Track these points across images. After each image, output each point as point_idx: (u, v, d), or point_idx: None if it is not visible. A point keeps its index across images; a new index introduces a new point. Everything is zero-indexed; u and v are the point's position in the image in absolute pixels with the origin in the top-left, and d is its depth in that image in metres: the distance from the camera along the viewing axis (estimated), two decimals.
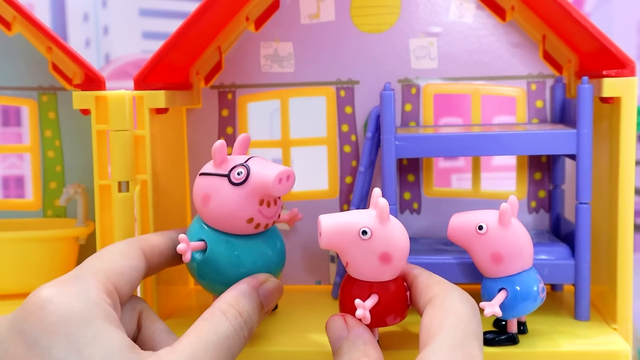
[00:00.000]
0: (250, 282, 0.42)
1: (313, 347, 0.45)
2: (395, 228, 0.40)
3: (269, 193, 0.42)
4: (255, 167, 0.42)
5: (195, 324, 0.38)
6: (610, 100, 0.47)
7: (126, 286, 0.39)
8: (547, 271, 0.48)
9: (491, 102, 0.58)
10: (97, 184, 0.50)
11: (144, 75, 0.49)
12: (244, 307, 0.40)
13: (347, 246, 0.40)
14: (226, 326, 0.38)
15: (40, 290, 0.36)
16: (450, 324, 0.36)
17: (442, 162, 0.90)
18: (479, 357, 0.35)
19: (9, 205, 0.61)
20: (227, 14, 0.55)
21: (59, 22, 0.98)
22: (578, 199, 0.47)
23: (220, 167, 0.43)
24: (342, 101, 0.57)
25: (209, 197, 0.42)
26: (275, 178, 0.41)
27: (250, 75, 0.57)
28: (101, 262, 0.39)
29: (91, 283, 0.37)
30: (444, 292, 0.39)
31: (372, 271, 0.40)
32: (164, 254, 0.43)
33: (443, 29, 0.56)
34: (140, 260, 0.41)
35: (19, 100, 0.59)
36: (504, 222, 0.43)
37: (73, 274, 0.38)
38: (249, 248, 0.43)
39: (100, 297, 0.36)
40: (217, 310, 0.39)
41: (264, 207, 0.42)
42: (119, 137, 0.49)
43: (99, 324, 0.35)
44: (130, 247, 0.41)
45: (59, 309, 0.35)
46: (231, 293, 0.41)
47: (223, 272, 0.43)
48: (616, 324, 0.47)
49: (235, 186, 0.42)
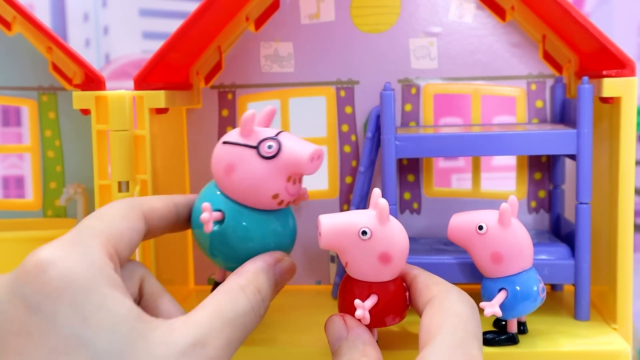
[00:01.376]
0: (267, 259, 0.40)
1: (313, 347, 0.45)
2: (395, 228, 0.40)
3: (300, 170, 0.40)
4: (288, 142, 0.40)
5: (212, 296, 0.36)
6: (610, 100, 0.47)
7: (126, 249, 0.38)
8: (547, 271, 0.48)
9: (491, 102, 0.58)
10: (97, 184, 0.50)
11: (144, 75, 0.49)
12: (263, 285, 0.38)
13: (347, 246, 0.40)
14: (244, 303, 0.36)
15: (41, 252, 0.33)
16: (450, 324, 0.36)
17: (442, 162, 0.90)
18: (478, 357, 0.35)
19: (9, 205, 0.61)
20: (227, 14, 0.55)
21: (59, 22, 0.98)
22: (578, 199, 0.47)
23: (248, 138, 0.41)
24: (342, 101, 0.57)
25: (234, 167, 0.40)
26: (310, 156, 0.40)
27: (250, 75, 0.57)
28: (100, 222, 0.37)
29: (93, 246, 0.35)
30: (443, 293, 0.39)
31: (372, 271, 0.40)
32: (164, 218, 0.41)
33: (443, 29, 0.56)
34: (140, 222, 0.39)
35: (19, 100, 0.59)
36: (504, 222, 0.43)
37: (73, 234, 0.36)
38: (264, 224, 0.42)
39: (104, 261, 0.34)
40: (235, 285, 0.37)
41: (290, 184, 0.41)
42: (119, 137, 0.49)
43: (105, 290, 0.33)
44: (131, 208, 0.39)
45: (63, 273, 0.33)
46: (249, 268, 0.39)
47: (234, 245, 0.41)
48: (616, 323, 0.47)
49: (265, 159, 0.40)
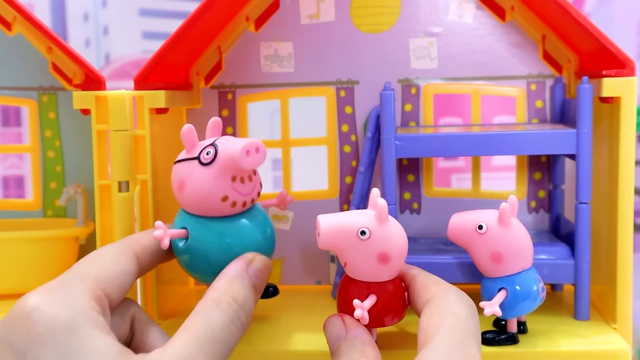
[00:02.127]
0: (237, 265, 0.40)
1: (313, 347, 0.45)
2: (393, 228, 0.40)
3: (238, 167, 0.40)
4: (222, 144, 0.41)
5: (188, 319, 0.37)
6: (610, 100, 0.47)
7: (117, 291, 0.38)
8: (547, 271, 0.48)
9: (491, 102, 0.58)
10: (97, 184, 0.50)
11: (144, 75, 0.49)
12: (239, 292, 0.38)
13: (346, 246, 0.40)
14: (220, 317, 0.36)
15: (27, 299, 0.35)
16: (449, 324, 0.36)
17: (442, 162, 0.90)
18: (477, 357, 0.35)
19: (9, 205, 0.61)
20: (227, 14, 0.55)
21: (59, 22, 0.98)
22: (578, 199, 0.48)
23: (191, 152, 0.42)
24: (342, 101, 0.57)
25: (184, 182, 0.41)
26: (241, 150, 0.40)
27: (250, 75, 0.57)
28: (90, 267, 0.38)
29: (79, 290, 0.36)
30: (441, 293, 0.39)
31: (371, 271, 0.40)
32: (155, 253, 0.42)
33: (443, 29, 0.56)
34: (133, 263, 0.40)
35: (19, 100, 0.59)
36: (503, 222, 0.43)
37: (61, 280, 0.37)
38: (225, 233, 0.42)
39: (88, 304, 0.36)
40: (209, 301, 0.37)
41: (237, 183, 0.41)
42: (119, 137, 0.49)
43: (86, 331, 0.34)
44: (122, 250, 0.40)
45: (46, 318, 0.34)
46: (221, 279, 0.39)
47: (210, 260, 0.42)
48: (616, 323, 0.47)
49: (205, 166, 0.41)
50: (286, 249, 0.58)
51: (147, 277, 0.49)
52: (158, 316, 0.50)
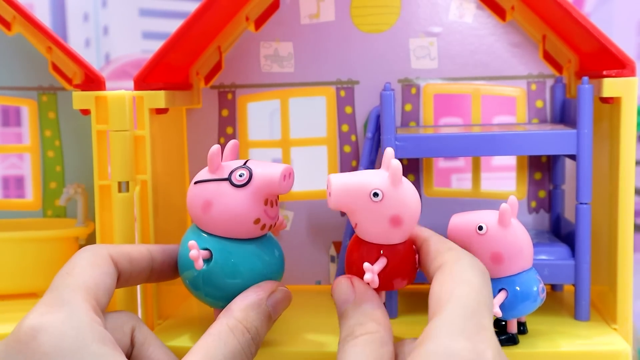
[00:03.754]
0: (259, 293, 0.40)
1: (313, 347, 0.45)
2: (407, 191, 0.39)
3: (275, 191, 0.41)
4: (257, 168, 0.41)
5: (201, 340, 0.37)
6: (611, 101, 0.47)
7: (104, 295, 0.38)
8: (547, 271, 0.48)
9: (491, 102, 0.58)
10: (97, 184, 0.50)
11: (144, 75, 0.49)
12: (253, 323, 0.38)
13: (357, 208, 0.39)
14: (234, 345, 0.37)
15: (29, 320, 0.35)
16: (461, 292, 0.35)
17: (442, 162, 0.90)
18: (489, 327, 0.34)
19: (9, 205, 0.61)
20: (227, 14, 0.55)
21: (59, 22, 0.98)
22: (578, 199, 0.47)
23: (217, 173, 0.42)
24: (342, 101, 0.57)
25: (211, 203, 0.41)
26: (280, 175, 0.40)
27: (250, 75, 0.57)
28: (73, 277, 0.38)
29: (78, 304, 0.36)
30: (454, 259, 0.37)
31: (382, 234, 0.39)
32: (135, 261, 0.42)
33: (443, 29, 0.56)
34: (110, 265, 0.40)
35: (19, 100, 0.59)
36: (503, 223, 0.43)
37: (54, 296, 0.36)
38: (250, 255, 0.42)
39: (92, 318, 0.35)
40: (224, 326, 0.37)
41: (268, 207, 0.42)
42: (119, 138, 0.49)
43: (95, 349, 0.34)
44: (95, 254, 0.40)
45: (53, 337, 0.34)
46: (239, 305, 0.39)
47: (224, 282, 0.42)
48: (616, 324, 0.47)
49: (239, 188, 0.41)
50: (286, 249, 0.58)
51: None
52: (158, 316, 0.50)
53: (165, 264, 0.44)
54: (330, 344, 0.45)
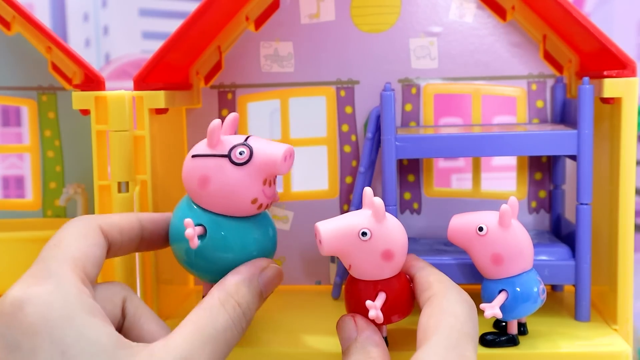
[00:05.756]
0: (250, 269, 0.40)
1: (313, 347, 0.45)
2: (392, 224, 0.40)
3: (275, 172, 0.40)
4: (258, 146, 0.40)
5: (192, 314, 0.36)
6: (611, 101, 0.47)
7: (94, 267, 0.37)
8: (548, 272, 0.48)
9: (491, 102, 0.58)
10: (97, 184, 0.50)
11: (143, 75, 0.49)
12: (244, 297, 0.38)
13: (349, 249, 0.40)
14: (224, 319, 0.37)
15: (15, 291, 0.34)
16: (446, 324, 0.37)
17: (442, 162, 0.90)
18: (472, 358, 0.36)
19: (9, 205, 0.61)
20: (227, 14, 0.55)
21: (59, 22, 0.98)
22: (578, 200, 0.47)
23: (216, 148, 0.41)
24: (342, 101, 0.57)
25: (208, 178, 0.40)
26: (282, 155, 0.40)
27: (250, 75, 0.57)
28: (61, 250, 0.37)
29: (65, 275, 0.35)
30: (442, 291, 0.39)
31: (376, 270, 0.40)
32: (125, 231, 0.41)
33: (443, 29, 0.56)
34: (100, 236, 0.39)
35: (19, 100, 0.59)
36: (504, 224, 0.43)
37: (40, 267, 0.36)
38: (244, 233, 0.41)
39: (79, 289, 0.35)
40: (215, 300, 0.37)
41: (266, 186, 0.41)
42: (119, 138, 0.49)
43: (83, 320, 0.33)
44: (86, 224, 0.39)
45: (39, 308, 0.33)
46: (231, 280, 0.39)
47: (216, 257, 0.41)
48: (616, 324, 0.47)
49: (238, 166, 0.40)
50: (286, 249, 0.58)
51: (147, 277, 0.49)
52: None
53: (155, 233, 0.43)
54: (329, 344, 0.45)
